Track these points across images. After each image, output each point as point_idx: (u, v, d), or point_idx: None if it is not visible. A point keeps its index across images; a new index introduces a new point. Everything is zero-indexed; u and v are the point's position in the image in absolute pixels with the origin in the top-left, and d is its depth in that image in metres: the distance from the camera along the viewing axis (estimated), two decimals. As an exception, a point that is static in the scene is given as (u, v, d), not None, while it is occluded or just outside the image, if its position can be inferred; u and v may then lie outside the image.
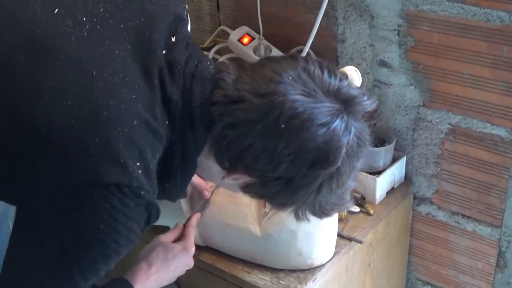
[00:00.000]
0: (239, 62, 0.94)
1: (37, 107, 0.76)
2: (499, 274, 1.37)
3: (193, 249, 1.06)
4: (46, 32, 0.79)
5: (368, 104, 0.87)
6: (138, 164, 0.79)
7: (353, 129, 0.84)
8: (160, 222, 1.19)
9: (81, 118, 0.76)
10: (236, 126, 0.84)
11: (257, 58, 1.44)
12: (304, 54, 1.35)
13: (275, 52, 1.45)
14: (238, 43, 1.46)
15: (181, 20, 0.92)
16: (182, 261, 1.04)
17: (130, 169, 0.78)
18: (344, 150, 0.83)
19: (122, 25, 0.84)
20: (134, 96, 0.80)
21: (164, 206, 1.20)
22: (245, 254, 1.16)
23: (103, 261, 0.82)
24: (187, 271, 1.10)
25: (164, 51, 0.86)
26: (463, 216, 1.37)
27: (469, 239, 1.38)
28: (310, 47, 1.36)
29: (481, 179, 1.31)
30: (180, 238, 1.07)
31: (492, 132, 1.26)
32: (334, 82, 0.85)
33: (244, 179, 0.89)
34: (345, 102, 0.85)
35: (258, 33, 1.47)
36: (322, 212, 0.92)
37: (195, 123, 0.86)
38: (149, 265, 1.01)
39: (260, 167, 0.85)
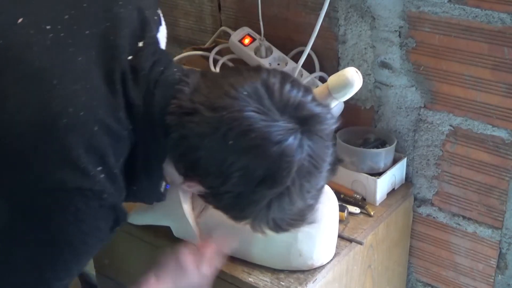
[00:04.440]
0: (203, 71, 0.94)
1: (0, 117, 0.78)
2: (499, 276, 1.37)
3: (207, 274, 1.02)
4: (9, 42, 0.81)
5: (329, 123, 0.86)
6: (99, 168, 0.81)
7: (306, 149, 0.83)
8: (160, 222, 1.20)
9: (41, 126, 0.78)
10: (188, 138, 0.85)
11: (258, 59, 1.44)
12: (305, 55, 1.35)
13: (276, 53, 1.45)
14: (239, 44, 1.47)
15: (149, 24, 0.92)
16: (192, 284, 1.02)
17: (92, 173, 0.80)
18: (294, 170, 0.82)
19: (87, 31, 0.85)
20: (95, 103, 0.82)
21: (165, 206, 1.20)
22: (245, 254, 1.16)
23: (75, 261, 0.84)
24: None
25: (130, 56, 0.87)
26: (464, 217, 1.37)
27: (469, 241, 1.38)
28: (311, 48, 1.36)
29: (482, 180, 1.31)
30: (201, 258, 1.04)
31: (493, 133, 1.26)
32: (294, 98, 0.84)
33: (198, 187, 0.90)
34: (302, 120, 0.83)
35: (259, 34, 1.47)
36: (278, 228, 0.91)
37: (155, 129, 0.87)
38: (156, 280, 1.00)
39: (210, 179, 0.86)
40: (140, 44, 0.89)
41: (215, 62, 1.48)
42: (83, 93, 0.81)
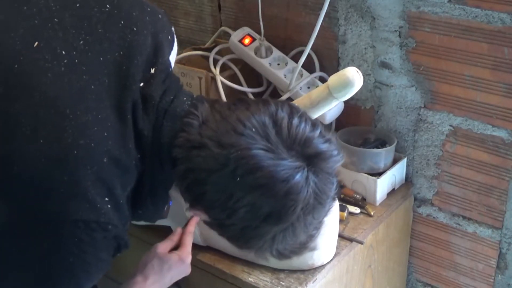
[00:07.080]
0: (213, 101, 0.94)
1: (11, 145, 0.77)
2: (499, 276, 1.37)
3: (189, 258, 1.07)
4: (24, 67, 0.80)
5: (335, 160, 0.87)
6: (106, 199, 0.82)
7: (312, 186, 0.83)
8: (161, 222, 1.20)
9: (52, 157, 0.78)
10: (195, 172, 0.85)
11: (258, 59, 1.44)
12: (305, 55, 1.35)
13: (276, 53, 1.45)
14: (239, 44, 1.47)
15: (162, 49, 0.92)
16: (178, 271, 1.06)
17: (98, 205, 0.80)
18: (299, 207, 0.83)
19: (101, 58, 0.85)
20: (105, 134, 0.82)
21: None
22: (245, 254, 1.16)
23: None
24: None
25: (141, 84, 0.87)
26: (464, 217, 1.37)
27: (469, 241, 1.38)
28: (311, 48, 1.36)
29: (482, 180, 1.31)
30: (177, 246, 1.09)
31: (493, 133, 1.26)
32: (302, 134, 0.84)
33: (204, 217, 0.91)
34: (309, 157, 0.84)
35: (259, 34, 1.47)
36: (281, 256, 0.92)
37: (162, 160, 0.88)
38: (144, 278, 1.03)
39: (216, 212, 0.87)
40: (152, 70, 0.89)
41: (215, 62, 1.48)
42: (94, 124, 0.81)
